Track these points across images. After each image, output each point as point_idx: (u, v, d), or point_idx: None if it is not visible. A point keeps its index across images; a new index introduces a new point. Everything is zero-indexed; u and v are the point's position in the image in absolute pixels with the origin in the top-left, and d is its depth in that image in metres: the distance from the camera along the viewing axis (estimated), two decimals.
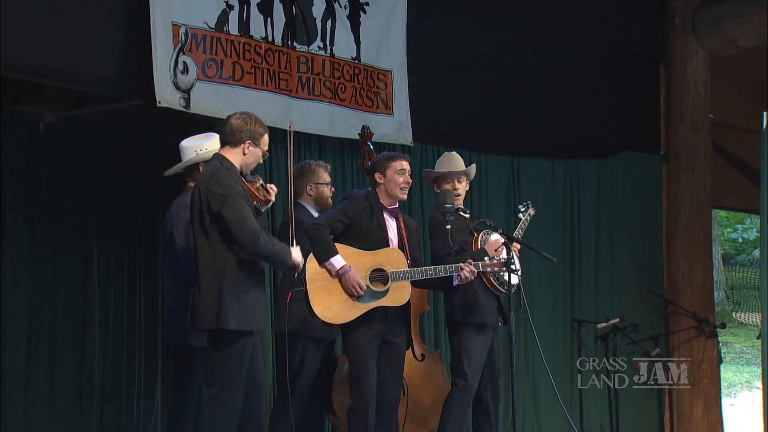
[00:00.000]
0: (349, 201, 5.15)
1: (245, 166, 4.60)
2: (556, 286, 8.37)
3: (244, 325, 4.41)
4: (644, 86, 9.00)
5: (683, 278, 8.79)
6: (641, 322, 8.32)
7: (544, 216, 8.27)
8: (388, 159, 5.23)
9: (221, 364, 4.39)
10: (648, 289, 8.66)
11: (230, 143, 4.54)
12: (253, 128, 4.56)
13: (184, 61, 6.02)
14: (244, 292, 4.39)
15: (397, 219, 5.23)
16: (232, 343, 4.39)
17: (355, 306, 4.91)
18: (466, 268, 5.07)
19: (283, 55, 6.62)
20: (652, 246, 8.88)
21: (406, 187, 5.23)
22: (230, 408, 4.38)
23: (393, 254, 5.08)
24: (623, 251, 8.70)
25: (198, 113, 6.09)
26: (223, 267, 4.37)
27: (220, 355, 4.39)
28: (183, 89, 6.00)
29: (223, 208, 4.34)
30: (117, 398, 6.70)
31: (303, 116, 6.64)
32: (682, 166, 8.87)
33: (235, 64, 6.32)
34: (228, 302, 4.34)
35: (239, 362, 4.40)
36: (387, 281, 5.00)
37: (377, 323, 5.02)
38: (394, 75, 7.28)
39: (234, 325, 4.37)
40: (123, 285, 6.81)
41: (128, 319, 6.82)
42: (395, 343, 5.09)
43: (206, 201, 4.38)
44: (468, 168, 5.56)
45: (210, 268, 4.36)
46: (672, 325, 8.71)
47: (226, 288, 4.35)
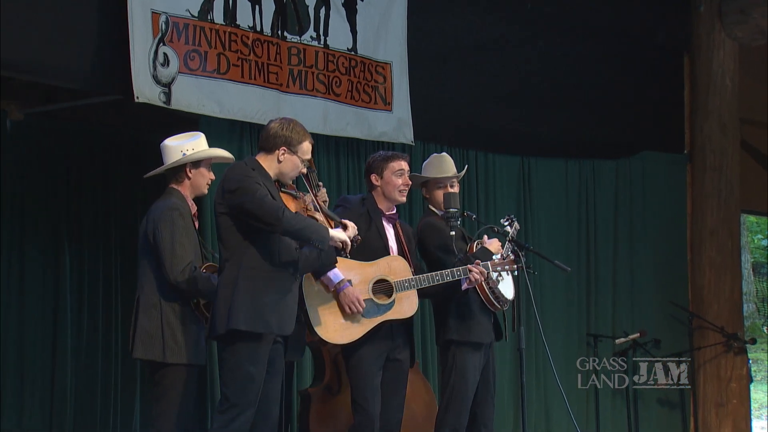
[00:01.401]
0: (345, 208, 5.14)
1: (282, 176, 4.57)
2: (570, 297, 8.36)
3: (257, 326, 4.35)
4: (667, 79, 9.01)
5: (709, 289, 8.79)
6: (663, 337, 8.33)
7: (557, 221, 8.28)
8: (385, 159, 5.23)
9: (231, 371, 4.37)
10: (671, 301, 8.66)
11: (265, 149, 4.56)
12: (290, 134, 4.53)
13: (165, 53, 6.01)
14: (262, 290, 4.36)
15: (394, 226, 5.23)
16: (243, 346, 4.35)
17: (360, 322, 4.89)
18: (475, 270, 5.07)
19: (273, 46, 6.62)
20: (676, 254, 8.88)
21: (406, 190, 5.22)
22: (238, 424, 4.35)
23: (395, 262, 5.07)
24: (644, 259, 8.70)
25: (180, 109, 6.09)
26: (238, 264, 4.37)
27: (231, 361, 4.36)
28: (163, 83, 5.99)
29: (237, 200, 4.35)
30: (91, 415, 6.70)
31: (294, 112, 6.60)
32: (707, 166, 8.88)
33: (221, 56, 6.31)
34: (240, 301, 4.33)
35: (252, 370, 4.35)
36: (392, 292, 5.00)
37: (382, 339, 5.01)
38: (393, 68, 7.28)
39: (243, 324, 4.33)
40: (98, 293, 6.82)
41: (103, 329, 6.83)
42: (399, 360, 5.09)
43: (220, 200, 4.40)
44: (461, 171, 5.55)
45: (228, 271, 4.39)
46: (697, 341, 8.71)
47: (241, 285, 4.35)
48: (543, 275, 7.97)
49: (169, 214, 4.69)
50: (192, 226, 4.75)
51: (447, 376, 5.26)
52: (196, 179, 4.82)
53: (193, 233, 4.75)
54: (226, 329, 4.36)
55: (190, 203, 4.82)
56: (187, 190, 4.82)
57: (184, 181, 4.81)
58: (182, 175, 4.82)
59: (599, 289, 8.49)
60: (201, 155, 4.82)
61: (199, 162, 4.82)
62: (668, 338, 8.42)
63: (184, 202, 4.77)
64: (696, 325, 8.72)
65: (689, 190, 8.99)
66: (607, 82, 8.61)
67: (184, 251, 4.62)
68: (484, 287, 5.20)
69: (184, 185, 4.82)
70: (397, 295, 5.00)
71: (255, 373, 4.39)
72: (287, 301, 4.48)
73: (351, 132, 7.00)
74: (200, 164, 4.83)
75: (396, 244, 5.19)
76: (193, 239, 4.71)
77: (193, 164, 4.81)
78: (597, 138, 8.67)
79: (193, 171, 4.82)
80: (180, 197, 4.78)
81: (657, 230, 8.80)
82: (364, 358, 4.98)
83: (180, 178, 4.82)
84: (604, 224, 8.59)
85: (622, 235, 8.66)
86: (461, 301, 5.26)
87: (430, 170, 5.47)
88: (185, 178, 4.81)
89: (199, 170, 4.82)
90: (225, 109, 6.32)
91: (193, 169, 4.81)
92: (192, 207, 4.83)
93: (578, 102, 8.47)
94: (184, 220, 4.68)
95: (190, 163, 4.80)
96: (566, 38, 8.37)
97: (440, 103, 7.74)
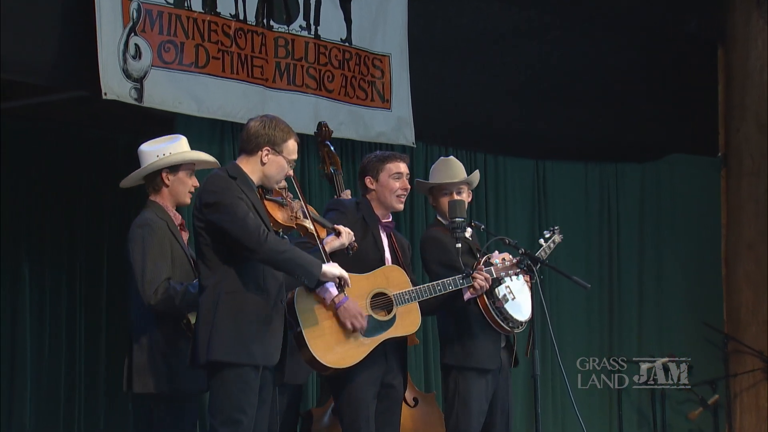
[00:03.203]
0: (339, 212, 5.12)
1: (267, 180, 4.54)
2: (591, 317, 8.36)
3: (240, 357, 4.36)
4: (698, 74, 9.01)
5: (747, 309, 8.79)
6: (696, 362, 8.30)
7: (576, 232, 8.27)
8: (381, 160, 5.21)
9: (219, 401, 4.37)
10: (704, 322, 8.65)
11: (246, 151, 4.53)
12: (273, 132, 4.52)
13: (137, 44, 6.00)
14: (245, 317, 4.36)
15: (390, 236, 5.22)
16: (230, 375, 4.34)
17: (361, 342, 4.84)
18: (479, 276, 5.05)
19: (258, 37, 6.61)
20: (709, 269, 8.88)
21: (404, 195, 5.20)
22: None
23: (393, 273, 5.04)
24: (673, 275, 8.70)
25: (153, 107, 6.08)
26: (220, 288, 4.37)
27: (220, 390, 4.36)
28: (134, 78, 5.98)
29: (214, 217, 4.35)
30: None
31: (282, 111, 6.58)
32: (744, 171, 8.89)
33: (199, 48, 6.31)
34: (221, 328, 4.33)
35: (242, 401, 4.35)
36: (392, 307, 4.97)
37: (377, 362, 4.97)
38: (392, 61, 7.28)
39: (224, 355, 4.34)
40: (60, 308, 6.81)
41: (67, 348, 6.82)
42: (393, 385, 5.05)
43: (198, 215, 4.38)
44: (470, 176, 5.55)
45: (208, 294, 4.39)
46: (734, 367, 8.70)
47: (222, 310, 4.34)
48: (560, 292, 7.96)
49: (137, 233, 4.68)
50: (169, 241, 4.72)
51: (450, 405, 5.26)
52: (175, 187, 4.79)
53: (177, 248, 4.73)
54: (207, 360, 4.37)
55: (173, 214, 4.80)
56: (167, 199, 4.80)
57: (161, 189, 4.80)
58: (159, 183, 4.80)
59: (623, 308, 8.49)
60: (177, 158, 4.80)
61: (177, 167, 4.79)
62: (700, 363, 8.40)
63: (163, 214, 4.74)
64: (732, 349, 8.71)
65: (724, 198, 8.99)
66: (632, 77, 8.61)
67: (156, 270, 4.60)
68: (487, 304, 5.19)
69: (162, 194, 4.80)
70: (398, 310, 4.97)
71: (245, 405, 4.39)
72: (273, 328, 4.47)
73: (345, 132, 7.00)
74: (179, 169, 4.80)
75: (392, 256, 5.18)
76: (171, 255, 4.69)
77: (170, 169, 4.78)
78: (620, 139, 8.67)
79: (170, 177, 4.79)
80: (158, 209, 4.76)
81: (688, 242, 8.80)
82: (358, 384, 4.93)
83: (157, 187, 4.81)
84: (628, 236, 8.58)
85: (649, 248, 8.65)
86: (461, 321, 5.24)
87: (435, 176, 5.48)
88: (162, 186, 4.79)
89: (177, 176, 4.80)
90: (204, 107, 6.31)
91: (171, 174, 4.79)
92: (175, 217, 4.80)
93: (600, 99, 8.48)
94: (156, 236, 4.66)
95: (167, 168, 4.78)
96: (587, 27, 8.38)
97: (445, 100, 7.74)
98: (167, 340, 4.66)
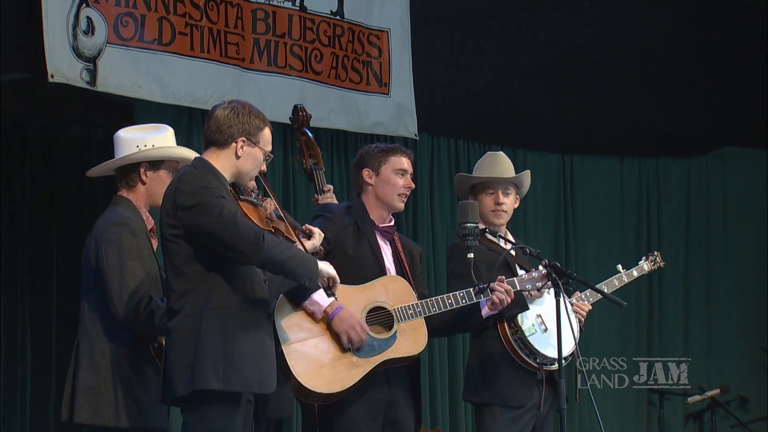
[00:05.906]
0: (326, 218, 5.14)
1: (241, 176, 4.56)
2: (627, 340, 8.38)
3: (233, 385, 4.34)
4: (753, 54, 8.99)
5: None
6: (751, 394, 8.34)
7: (609, 238, 8.31)
8: (385, 152, 5.21)
9: None
10: (762, 347, 8.65)
11: (216, 143, 4.53)
12: (247, 120, 4.56)
13: (89, 17, 6.02)
14: (235, 337, 4.36)
15: (392, 242, 5.22)
16: (213, 410, 4.34)
17: (353, 363, 4.85)
18: (499, 288, 5.04)
19: (233, 9, 6.63)
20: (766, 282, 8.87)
21: (406, 195, 5.21)
22: None
23: (394, 284, 5.04)
24: (724, 289, 8.72)
25: (108, 92, 6.09)
26: (201, 303, 4.36)
27: (198, 428, 4.34)
28: (86, 57, 6.01)
29: (197, 220, 4.35)
30: None
31: (261, 96, 6.65)
32: None
33: (163, 22, 6.32)
34: (208, 352, 4.32)
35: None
36: (392, 323, 4.97)
37: (377, 391, 4.96)
38: (391, 38, 7.30)
39: (215, 383, 4.32)
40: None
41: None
42: (399, 421, 5.03)
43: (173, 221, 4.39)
44: (521, 174, 5.56)
45: (185, 316, 4.37)
46: None
47: (207, 330, 4.34)
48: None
49: (115, 232, 4.67)
50: (147, 246, 4.73)
51: None
52: (153, 186, 4.80)
53: (150, 255, 4.73)
54: (191, 390, 4.35)
55: (145, 216, 4.80)
56: (140, 198, 4.81)
57: (136, 186, 4.81)
58: (135, 179, 4.82)
59: (665, 328, 8.50)
60: (161, 153, 4.81)
61: (159, 163, 4.81)
62: (757, 396, 8.42)
63: (136, 215, 4.75)
64: None
65: None
66: (676, 58, 8.60)
67: (136, 279, 4.61)
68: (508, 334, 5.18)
69: (136, 192, 4.81)
70: (400, 327, 4.96)
71: None
72: (266, 349, 4.48)
73: (335, 122, 7.02)
74: (160, 166, 4.82)
75: (396, 265, 5.17)
76: (148, 263, 4.69)
77: (150, 165, 4.79)
78: (663, 130, 8.69)
79: (149, 174, 4.80)
80: (130, 208, 4.76)
81: (741, 249, 8.81)
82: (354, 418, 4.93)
83: (131, 182, 4.82)
84: (671, 241, 8.60)
85: (695, 256, 8.68)
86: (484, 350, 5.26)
87: (479, 171, 5.53)
88: (138, 183, 4.81)
89: (157, 174, 4.81)
90: (168, 92, 6.34)
91: (150, 171, 4.80)
92: (148, 221, 4.81)
93: (637, 84, 8.49)
94: (136, 239, 4.67)
95: (147, 163, 4.79)
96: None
97: (454, 84, 7.76)
98: (132, 364, 4.64)
